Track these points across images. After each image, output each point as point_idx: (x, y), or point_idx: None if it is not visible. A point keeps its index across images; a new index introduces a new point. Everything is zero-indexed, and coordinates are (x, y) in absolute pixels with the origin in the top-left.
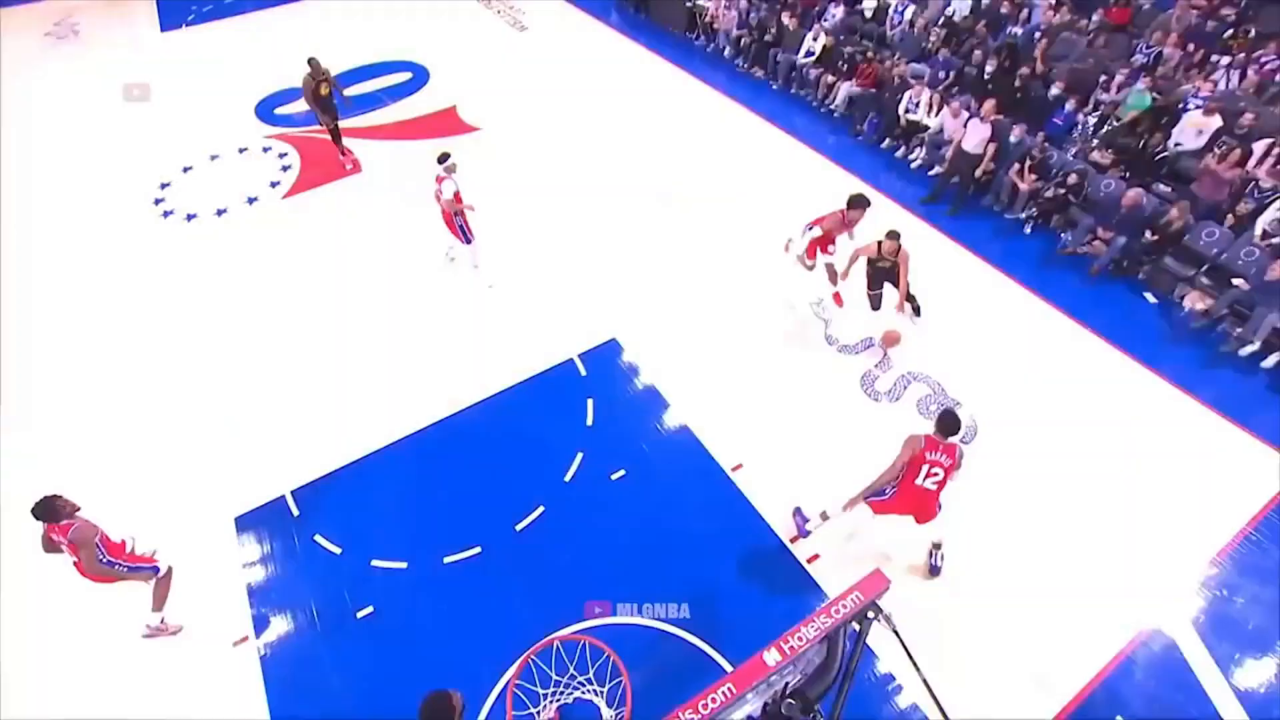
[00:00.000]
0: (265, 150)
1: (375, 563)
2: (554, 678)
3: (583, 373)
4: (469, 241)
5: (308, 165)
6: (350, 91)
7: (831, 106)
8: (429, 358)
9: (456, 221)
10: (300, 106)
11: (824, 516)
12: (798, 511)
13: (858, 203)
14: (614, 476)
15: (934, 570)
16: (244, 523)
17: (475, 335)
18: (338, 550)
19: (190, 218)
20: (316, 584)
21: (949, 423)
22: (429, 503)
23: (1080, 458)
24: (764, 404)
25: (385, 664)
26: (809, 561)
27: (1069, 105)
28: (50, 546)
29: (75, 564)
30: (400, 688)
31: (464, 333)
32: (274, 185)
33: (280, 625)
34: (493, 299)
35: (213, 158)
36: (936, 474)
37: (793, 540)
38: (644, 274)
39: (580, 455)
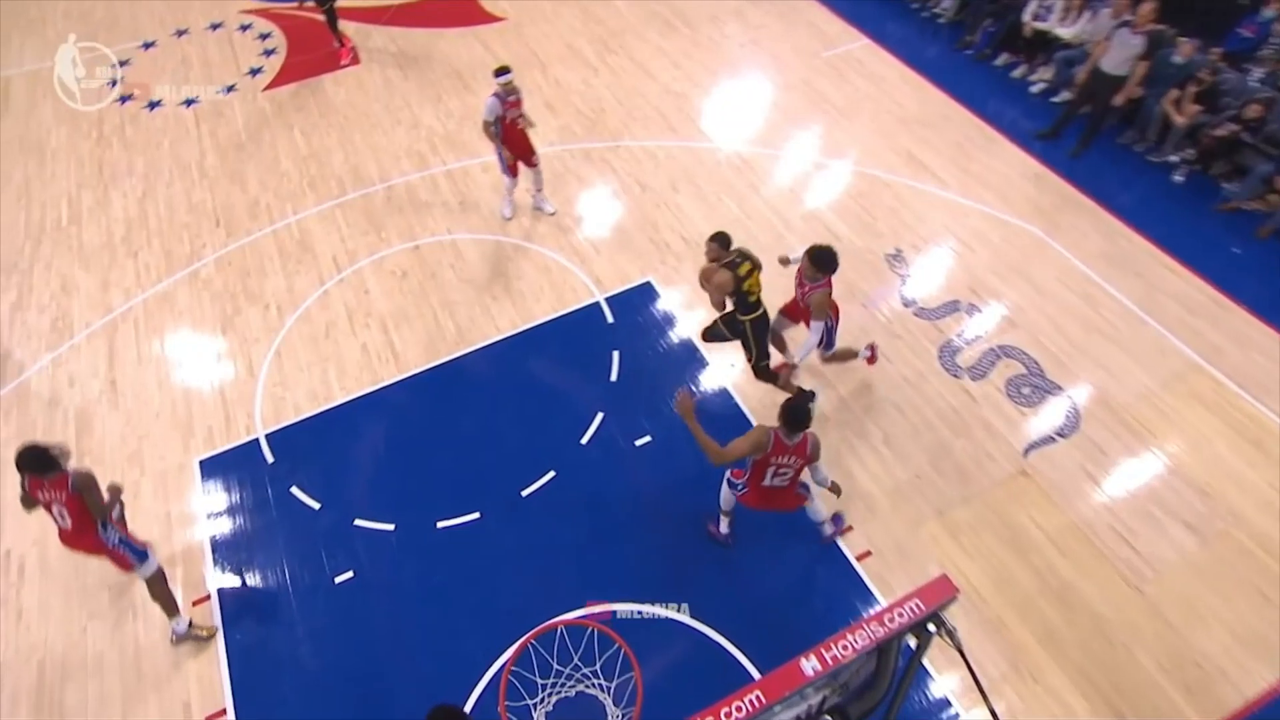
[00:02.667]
0: (244, 29)
1: (359, 522)
2: (555, 666)
3: (609, 319)
4: (505, 175)
5: (295, 51)
6: None
7: (937, 10)
8: (431, 291)
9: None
10: None
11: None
12: (837, 518)
13: (822, 261)
14: (638, 443)
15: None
16: (210, 467)
17: (489, 269)
18: (316, 505)
19: (153, 105)
20: (291, 542)
21: (797, 418)
22: (424, 458)
23: (1215, 477)
24: (820, 370)
25: (363, 636)
26: (860, 559)
27: (1267, 10)
28: (32, 504)
29: (63, 528)
30: (379, 664)
31: (475, 265)
32: (254, 73)
33: (246, 585)
34: (511, 228)
35: (179, 33)
36: (785, 473)
37: (828, 539)
38: (687, 205)
39: (601, 415)
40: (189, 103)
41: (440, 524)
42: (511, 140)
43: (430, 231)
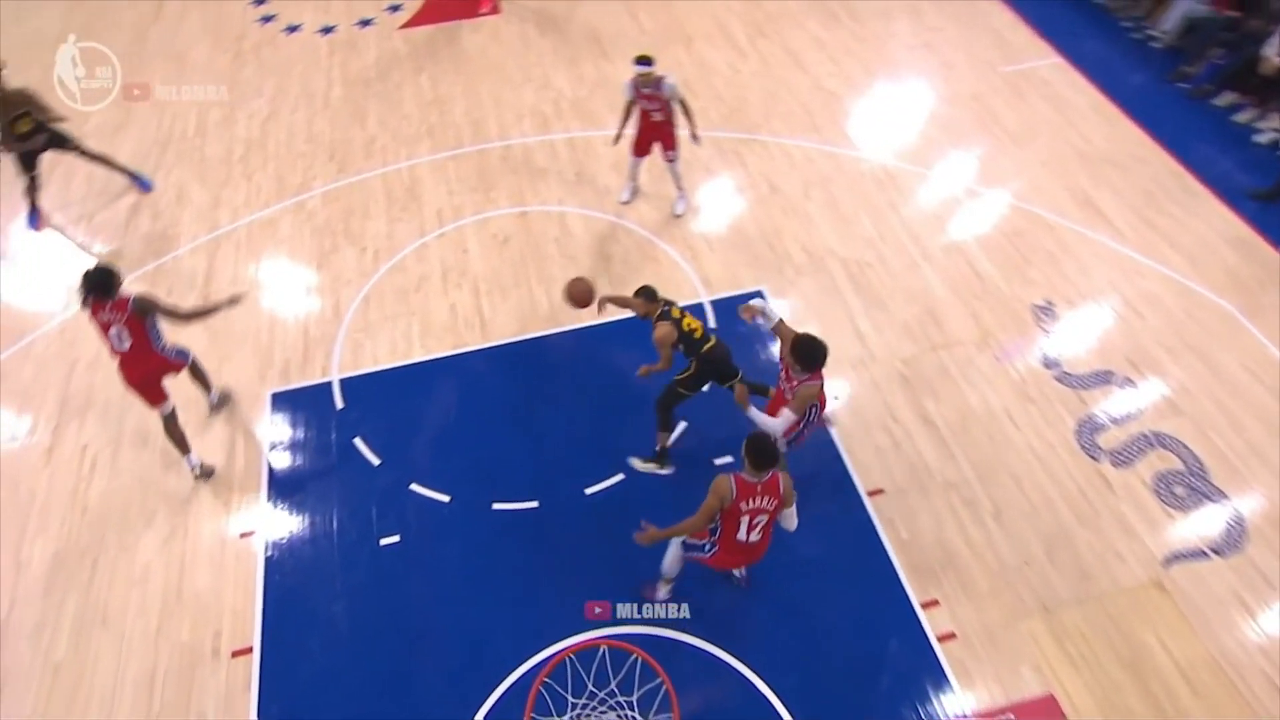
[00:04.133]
0: None
1: (415, 487)
2: (590, 688)
3: (712, 324)
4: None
5: None
6: None
7: (1155, 32)
8: (530, 262)
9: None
10: None
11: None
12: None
13: (810, 356)
14: (718, 461)
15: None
16: (282, 401)
17: (594, 248)
18: (376, 461)
19: (292, 29)
20: (345, 493)
21: (763, 453)
22: (492, 434)
23: None
24: (937, 420)
25: (397, 605)
26: (942, 640)
27: None
28: (106, 329)
29: (122, 351)
30: (407, 638)
31: (581, 242)
32: (393, 9)
33: (294, 529)
34: (624, 209)
35: None
36: (760, 520)
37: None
38: (818, 214)
39: (683, 425)
40: (326, 30)
41: (495, 505)
42: (640, 128)
43: (541, 199)
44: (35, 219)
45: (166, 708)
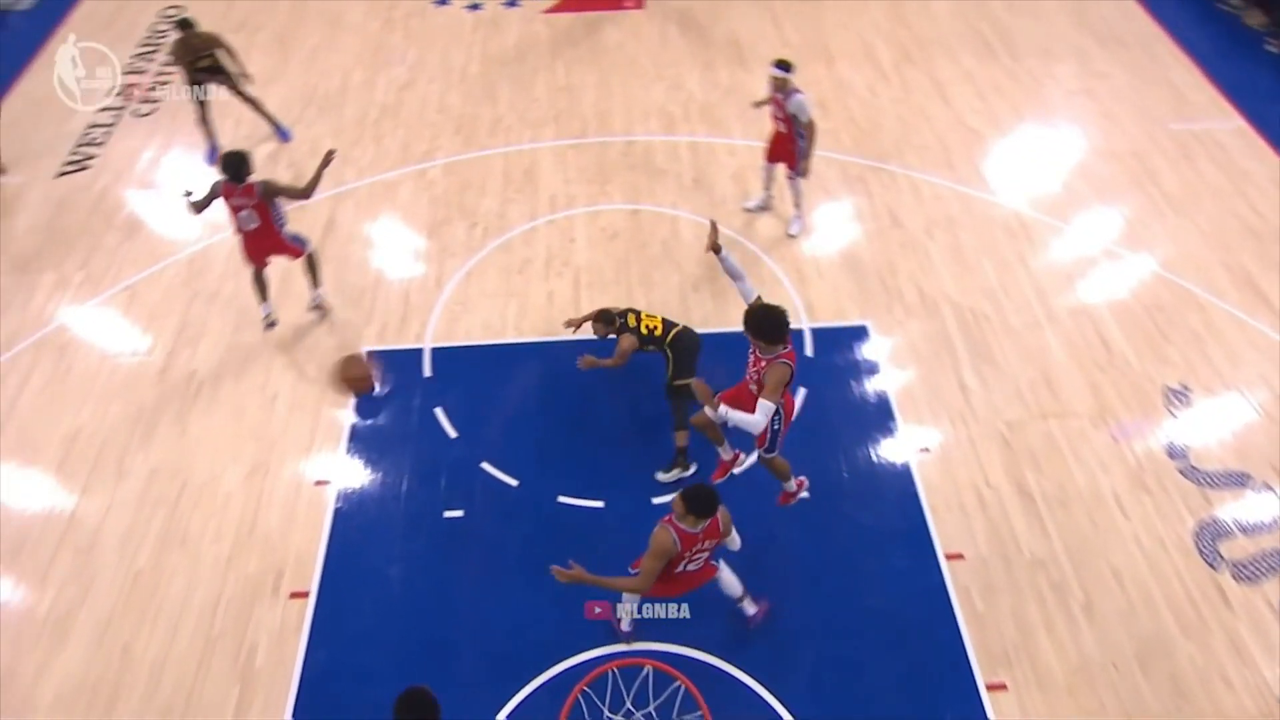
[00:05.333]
0: None
1: (485, 466)
2: (628, 706)
3: (808, 352)
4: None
5: None
6: None
7: None
8: (635, 260)
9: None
10: None
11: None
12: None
13: (768, 326)
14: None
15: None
16: (373, 359)
17: (700, 256)
18: (453, 434)
19: (442, 2)
20: (418, 460)
21: (703, 506)
22: (569, 426)
23: None
24: (1035, 492)
25: (451, 579)
26: (991, 688)
27: None
28: (203, 208)
29: (249, 230)
30: (455, 614)
31: (688, 248)
32: None
33: (365, 486)
34: (735, 220)
35: None
36: (700, 558)
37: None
38: (938, 255)
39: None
40: (473, 7)
41: (561, 499)
42: (771, 132)
43: (655, 199)
44: (214, 154)
45: (224, 633)
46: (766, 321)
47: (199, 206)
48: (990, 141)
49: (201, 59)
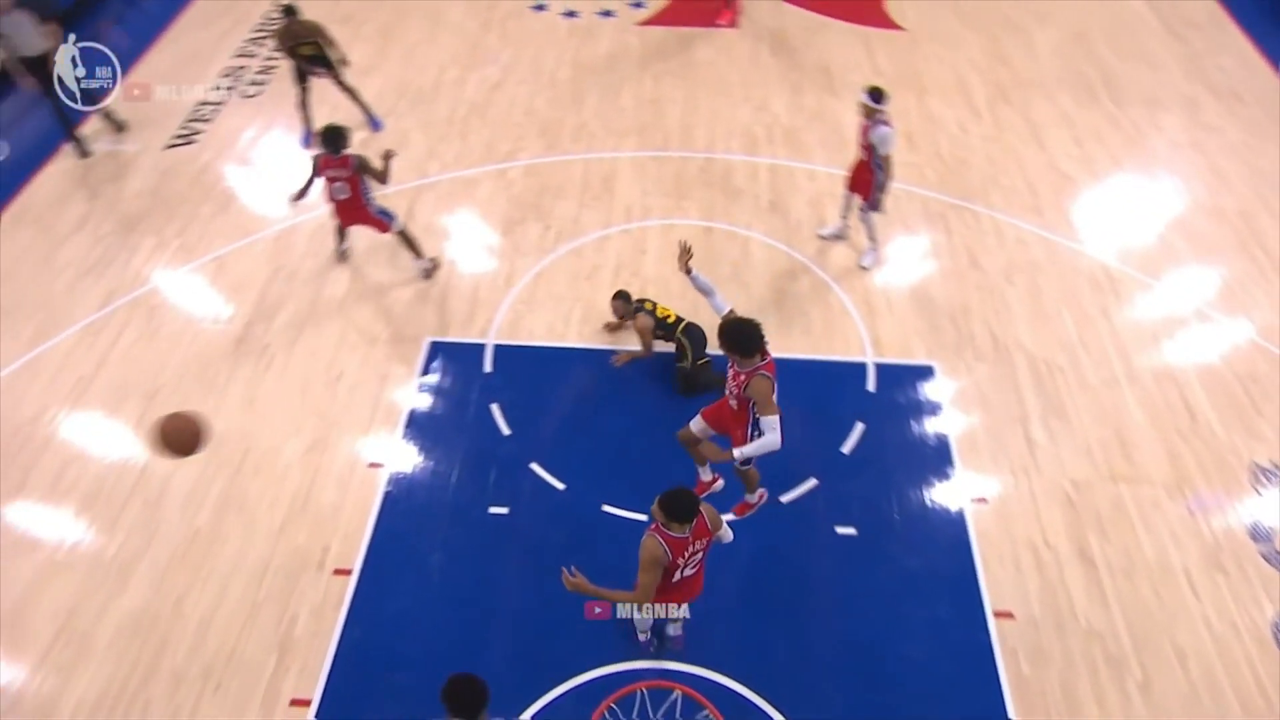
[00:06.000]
0: None
1: (534, 467)
2: None
3: (870, 387)
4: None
5: None
6: None
7: None
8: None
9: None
10: None
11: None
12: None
13: (741, 337)
14: (840, 530)
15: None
16: (437, 350)
17: (769, 280)
18: (507, 431)
19: (539, 8)
20: (470, 453)
21: (681, 510)
22: (619, 436)
23: None
24: (1098, 559)
25: (489, 575)
26: None
27: None
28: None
29: (341, 200)
30: (490, 612)
31: (757, 271)
32: (636, 5)
33: (417, 472)
34: (807, 246)
35: None
36: (695, 560)
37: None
38: (1016, 302)
39: (813, 482)
40: (570, 14)
41: (605, 508)
42: (854, 166)
43: (729, 218)
44: (308, 138)
45: (269, 600)
46: (741, 334)
47: (300, 194)
48: (1083, 188)
49: (303, 45)
